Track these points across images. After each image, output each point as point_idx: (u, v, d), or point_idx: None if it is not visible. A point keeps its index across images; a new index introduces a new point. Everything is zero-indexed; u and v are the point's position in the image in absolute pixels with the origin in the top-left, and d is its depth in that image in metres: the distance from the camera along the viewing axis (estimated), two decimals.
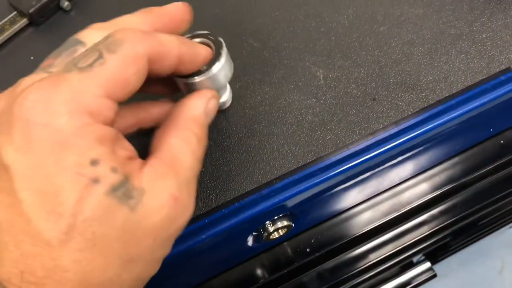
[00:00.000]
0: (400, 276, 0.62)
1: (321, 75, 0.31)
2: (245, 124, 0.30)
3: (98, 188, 0.17)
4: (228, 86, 0.29)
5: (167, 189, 0.19)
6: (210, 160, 0.29)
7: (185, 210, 0.20)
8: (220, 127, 0.30)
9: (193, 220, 0.27)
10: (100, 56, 0.19)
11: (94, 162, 0.17)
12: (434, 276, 0.68)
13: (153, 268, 0.20)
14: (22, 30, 0.36)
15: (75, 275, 0.17)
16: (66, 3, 0.36)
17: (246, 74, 0.32)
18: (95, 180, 0.17)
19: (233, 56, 0.33)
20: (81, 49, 0.20)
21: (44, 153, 0.17)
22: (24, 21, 0.35)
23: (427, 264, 0.69)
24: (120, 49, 0.19)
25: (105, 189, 0.17)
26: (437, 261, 0.78)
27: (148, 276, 0.20)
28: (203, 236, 0.26)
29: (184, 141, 0.21)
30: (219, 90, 0.26)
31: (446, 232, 0.50)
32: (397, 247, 0.47)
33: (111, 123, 0.19)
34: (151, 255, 0.19)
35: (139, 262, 0.19)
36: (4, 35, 0.35)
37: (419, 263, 0.69)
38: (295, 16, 0.34)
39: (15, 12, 0.35)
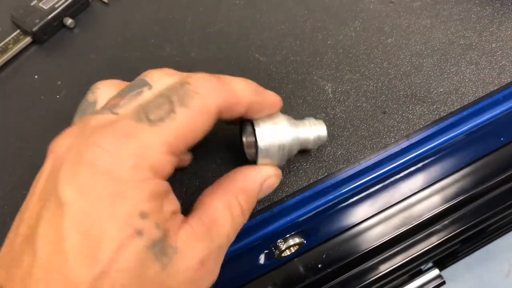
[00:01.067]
0: (409, 284, 0.61)
1: (330, 89, 0.31)
2: None
3: (139, 241, 0.17)
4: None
5: (198, 252, 0.19)
6: (220, 176, 0.28)
7: (209, 276, 0.20)
8: (229, 142, 0.29)
9: None
10: (172, 110, 0.19)
11: (143, 215, 0.17)
12: (443, 283, 0.68)
13: None
14: (25, 48, 0.35)
15: None
16: (70, 21, 0.36)
17: None
18: (139, 232, 0.17)
19: (239, 71, 0.32)
20: (147, 92, 0.20)
21: (100, 199, 0.17)
22: (27, 40, 0.35)
23: (436, 271, 0.68)
24: (193, 102, 0.19)
25: (146, 243, 0.17)
26: (445, 267, 0.78)
27: None
28: None
29: (228, 208, 0.21)
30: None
31: (455, 241, 0.50)
32: (407, 258, 0.46)
33: (168, 176, 0.19)
34: None
35: None
36: (8, 54, 0.34)
37: (427, 270, 0.68)
38: (301, 30, 0.34)
39: (18, 31, 0.35)
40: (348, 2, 0.35)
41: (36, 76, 0.34)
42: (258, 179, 0.22)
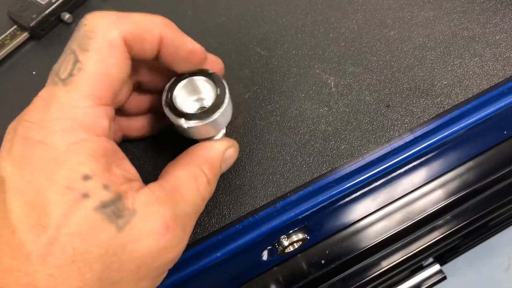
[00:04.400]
0: (410, 279, 0.61)
1: (332, 83, 0.30)
2: (257, 135, 0.29)
3: (86, 203, 0.17)
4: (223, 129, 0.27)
5: (161, 215, 0.18)
6: (222, 173, 0.28)
7: (177, 243, 0.19)
8: (230, 139, 0.29)
9: (207, 237, 0.26)
10: (76, 60, 0.18)
11: (86, 177, 0.17)
12: (444, 278, 0.67)
13: None
14: (23, 44, 0.35)
15: None
16: (67, 16, 0.35)
17: (255, 83, 0.31)
18: (85, 195, 0.17)
19: (240, 65, 0.32)
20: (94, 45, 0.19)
21: (38, 168, 0.17)
22: (25, 35, 0.34)
23: (437, 267, 0.68)
24: (92, 43, 0.18)
25: (94, 204, 0.17)
26: (445, 262, 0.77)
27: None
28: (218, 254, 0.26)
29: (192, 177, 0.21)
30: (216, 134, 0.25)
31: (456, 236, 0.50)
32: (409, 253, 0.46)
33: (108, 131, 0.19)
34: (133, 284, 0.18)
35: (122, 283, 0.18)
36: (5, 49, 0.34)
37: (428, 265, 0.68)
38: (302, 23, 0.33)
39: (15, 26, 0.35)
40: None
41: (34, 72, 0.33)
42: (220, 148, 0.23)
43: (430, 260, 0.71)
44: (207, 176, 0.21)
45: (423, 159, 0.32)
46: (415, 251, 0.46)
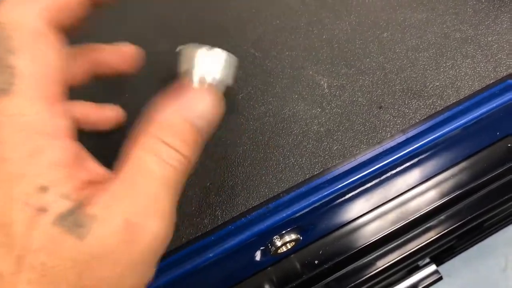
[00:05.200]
0: (406, 279, 0.61)
1: (325, 84, 0.31)
2: (249, 136, 0.29)
3: (44, 218, 0.16)
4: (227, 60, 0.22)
5: (120, 214, 0.17)
6: (215, 174, 0.28)
7: (145, 233, 0.17)
8: (223, 139, 0.29)
9: (199, 237, 0.26)
10: (7, 65, 0.16)
11: (42, 189, 0.16)
12: (440, 278, 0.68)
13: None
14: None
15: None
16: None
17: (249, 84, 0.31)
18: (42, 209, 0.16)
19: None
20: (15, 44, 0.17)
21: None
22: None
23: (433, 267, 0.68)
24: (17, 42, 0.17)
25: (52, 218, 0.16)
26: (442, 262, 0.78)
27: None
28: (210, 255, 0.26)
29: (150, 153, 0.18)
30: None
31: (452, 236, 0.50)
32: (404, 253, 0.46)
33: (67, 129, 0.18)
34: (117, 283, 0.17)
35: None
36: None
37: (424, 266, 0.68)
38: (296, 24, 0.33)
39: None
40: None
41: None
42: (180, 101, 0.19)
43: (427, 260, 0.71)
44: (169, 142, 0.18)
45: (416, 159, 0.32)
46: (410, 251, 0.46)
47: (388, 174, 0.32)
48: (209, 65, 0.21)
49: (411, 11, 0.33)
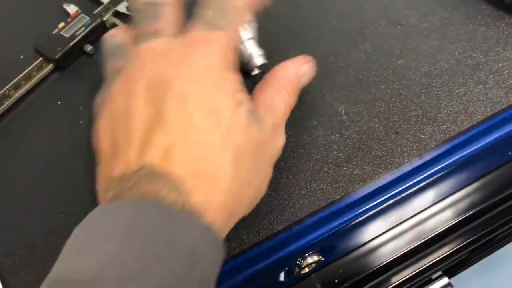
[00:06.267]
0: None
1: (343, 110, 0.32)
2: None
3: (243, 109, 0.24)
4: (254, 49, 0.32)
5: (269, 120, 0.26)
6: None
7: (279, 137, 0.27)
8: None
9: (227, 260, 0.28)
10: (228, 20, 0.26)
11: (239, 91, 0.25)
12: None
13: (262, 189, 0.27)
14: (48, 75, 0.37)
15: (229, 172, 0.23)
16: (90, 48, 0.37)
17: None
18: (241, 102, 0.24)
19: None
20: (165, 10, 0.27)
21: (208, 86, 0.24)
22: (50, 67, 0.36)
23: (445, 280, 0.69)
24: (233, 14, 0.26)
25: (246, 109, 0.24)
26: (453, 274, 0.78)
27: (259, 197, 0.27)
28: (238, 277, 0.27)
29: (276, 92, 0.28)
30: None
31: (465, 251, 0.51)
32: (418, 269, 0.47)
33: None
34: (267, 166, 0.27)
35: (259, 175, 0.26)
36: (32, 81, 0.36)
37: (436, 278, 0.69)
38: (313, 53, 0.35)
39: (41, 58, 0.37)
40: (358, 26, 0.36)
41: (59, 102, 0.35)
42: (292, 66, 0.29)
43: (439, 273, 0.71)
44: (287, 89, 0.28)
45: (430, 180, 0.33)
46: (424, 267, 0.47)
47: (404, 195, 0.33)
48: None
49: (423, 38, 0.34)
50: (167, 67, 0.24)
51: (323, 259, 0.31)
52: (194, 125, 0.23)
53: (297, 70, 0.29)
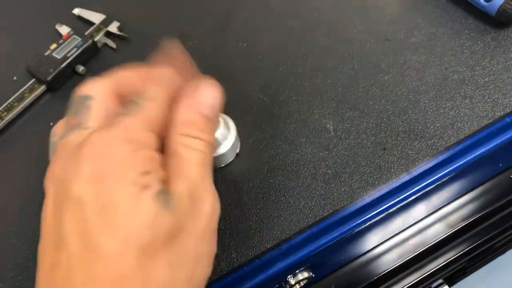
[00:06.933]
0: None
1: (331, 127, 0.32)
2: (261, 179, 0.31)
3: (147, 193, 0.20)
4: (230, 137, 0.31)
5: (185, 191, 0.21)
6: (229, 216, 0.30)
7: (204, 205, 0.22)
8: (236, 183, 0.31)
9: (217, 279, 0.28)
10: (138, 104, 0.23)
11: (145, 173, 0.21)
12: None
13: (203, 266, 0.22)
14: (40, 96, 0.37)
15: (138, 282, 0.19)
16: (81, 68, 0.38)
17: (258, 129, 0.33)
18: (146, 186, 0.20)
19: (244, 112, 0.34)
20: (92, 103, 0.23)
21: (107, 176, 0.20)
22: (42, 88, 0.37)
23: None
24: (153, 97, 0.23)
25: (152, 193, 0.20)
26: (454, 283, 0.78)
27: (201, 275, 0.22)
28: None
29: (184, 146, 0.23)
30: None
31: (462, 260, 0.50)
32: (416, 279, 0.47)
33: (156, 148, 0.22)
34: (195, 249, 0.21)
35: (186, 266, 0.21)
36: (25, 102, 0.36)
37: (437, 287, 0.68)
38: (301, 69, 0.35)
39: (33, 80, 0.37)
40: (345, 41, 0.36)
41: (51, 123, 0.36)
42: (190, 99, 0.24)
43: (440, 281, 0.71)
44: (195, 136, 0.23)
45: (418, 194, 0.33)
46: (421, 277, 0.47)
47: (393, 210, 0.33)
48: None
49: (410, 53, 0.35)
50: (71, 165, 0.21)
51: (313, 275, 0.31)
52: (90, 237, 0.19)
53: (199, 107, 0.24)
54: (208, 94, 0.24)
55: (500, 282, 1.02)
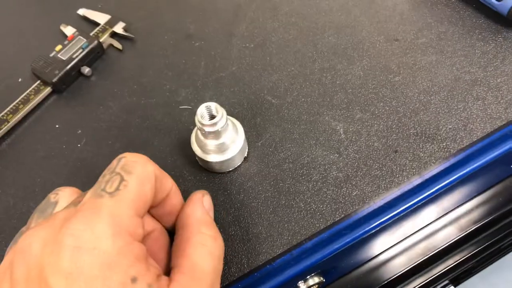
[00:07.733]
0: None
1: (341, 129, 0.32)
2: (271, 182, 0.30)
3: (137, 286, 0.18)
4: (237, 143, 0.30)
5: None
6: (239, 222, 0.29)
7: None
8: (246, 187, 0.30)
9: (227, 285, 0.27)
10: (122, 179, 0.21)
11: (134, 280, 0.19)
12: None
13: None
14: (46, 98, 0.37)
15: None
16: (87, 70, 0.37)
17: (267, 131, 0.32)
18: (135, 278, 0.19)
19: (253, 114, 0.34)
20: (56, 208, 0.23)
21: (92, 276, 0.18)
22: (48, 90, 0.36)
23: None
24: (135, 169, 0.22)
25: (142, 287, 0.18)
26: (459, 283, 0.77)
27: None
28: None
29: (200, 245, 0.22)
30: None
31: (471, 261, 0.50)
32: (422, 282, 0.47)
33: (141, 238, 0.21)
34: None
35: None
36: (30, 104, 0.36)
37: None
38: (310, 70, 0.35)
39: (38, 81, 0.37)
40: (355, 42, 0.36)
41: (57, 125, 0.35)
42: (199, 206, 0.25)
43: (445, 282, 0.71)
44: (210, 235, 0.23)
45: (430, 198, 0.33)
46: (428, 280, 0.47)
47: (404, 214, 0.32)
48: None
49: (421, 54, 0.34)
50: (44, 253, 0.19)
51: (324, 280, 0.30)
52: None
53: (204, 207, 0.25)
54: (206, 201, 0.26)
55: (505, 280, 1.02)
